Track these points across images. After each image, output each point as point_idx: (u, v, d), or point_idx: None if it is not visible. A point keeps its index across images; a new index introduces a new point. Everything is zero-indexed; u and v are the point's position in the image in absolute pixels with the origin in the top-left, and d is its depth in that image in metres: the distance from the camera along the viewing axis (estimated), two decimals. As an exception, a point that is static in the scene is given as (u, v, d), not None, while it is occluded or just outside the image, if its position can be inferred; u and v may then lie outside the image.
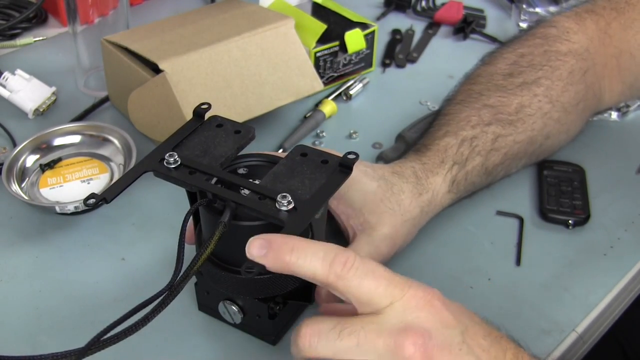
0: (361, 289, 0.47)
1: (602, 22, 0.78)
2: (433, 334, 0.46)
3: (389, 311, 0.47)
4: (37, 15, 1.06)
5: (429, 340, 0.46)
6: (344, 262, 0.47)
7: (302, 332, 0.48)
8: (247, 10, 0.87)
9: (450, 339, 0.47)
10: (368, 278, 0.47)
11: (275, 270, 0.48)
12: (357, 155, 0.56)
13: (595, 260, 0.70)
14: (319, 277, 0.47)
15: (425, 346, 0.46)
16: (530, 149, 0.74)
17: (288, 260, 0.47)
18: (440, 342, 0.46)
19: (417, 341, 0.46)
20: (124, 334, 0.47)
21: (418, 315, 0.47)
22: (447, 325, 0.47)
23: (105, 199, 0.54)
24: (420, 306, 0.47)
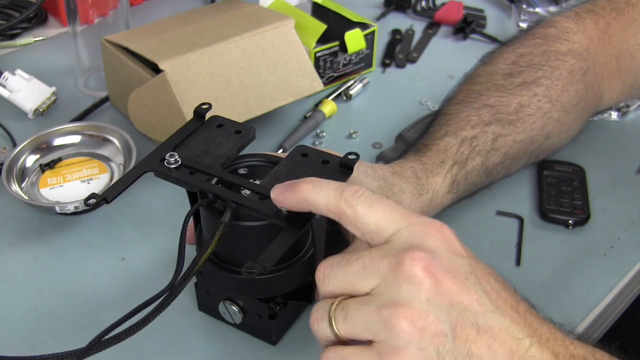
0: (368, 216, 0.47)
1: (602, 22, 0.78)
2: (438, 255, 0.45)
3: (395, 236, 0.47)
4: (37, 15, 1.06)
5: (432, 259, 0.45)
6: (354, 191, 0.48)
7: (318, 268, 0.49)
8: (247, 10, 0.87)
9: (457, 265, 0.46)
10: (375, 205, 0.47)
11: (295, 202, 0.49)
12: (358, 156, 0.56)
13: (595, 260, 0.70)
14: (331, 205, 0.48)
15: (428, 262, 0.45)
16: (530, 148, 0.74)
17: (304, 189, 0.49)
18: (445, 265, 0.45)
19: (418, 256, 0.45)
20: (125, 334, 0.48)
21: (425, 238, 0.46)
22: (456, 253, 0.46)
23: (105, 199, 0.54)
24: (427, 232, 0.47)
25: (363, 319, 0.45)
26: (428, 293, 0.44)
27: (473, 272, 0.46)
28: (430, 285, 0.44)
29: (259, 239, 0.54)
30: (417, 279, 0.44)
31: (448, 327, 0.44)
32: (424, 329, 0.44)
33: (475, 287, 0.45)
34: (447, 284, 0.44)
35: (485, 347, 0.44)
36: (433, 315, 0.44)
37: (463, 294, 0.44)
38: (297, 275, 0.56)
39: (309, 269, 0.57)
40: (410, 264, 0.44)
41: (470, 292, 0.45)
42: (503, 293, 0.46)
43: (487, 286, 0.46)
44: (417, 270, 0.44)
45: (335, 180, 0.50)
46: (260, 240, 0.53)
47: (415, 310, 0.44)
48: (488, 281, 0.46)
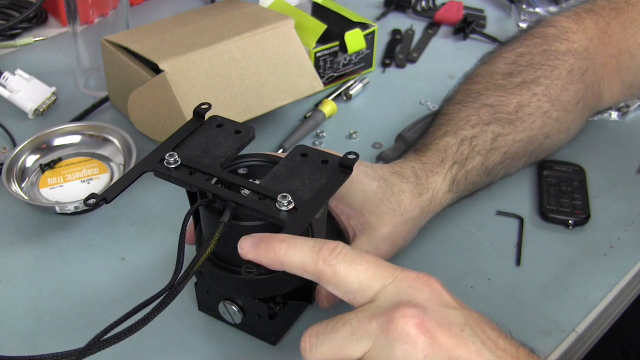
0: (350, 276, 0.45)
1: (602, 22, 0.78)
2: (429, 309, 0.43)
3: (381, 295, 0.45)
4: (37, 15, 1.06)
5: (424, 314, 0.43)
6: (332, 249, 0.46)
7: (303, 338, 0.47)
8: (247, 10, 0.87)
9: (450, 318, 0.44)
10: (356, 263, 0.46)
11: (267, 262, 0.47)
12: (357, 156, 0.56)
13: (595, 260, 0.70)
14: (308, 266, 0.46)
15: (420, 319, 0.43)
16: (530, 148, 0.74)
17: (278, 249, 0.47)
18: (437, 319, 0.43)
19: (409, 313, 0.43)
20: (124, 334, 0.47)
21: (413, 293, 0.44)
22: (447, 305, 0.45)
23: (105, 198, 0.54)
24: (414, 286, 0.45)
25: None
26: (424, 351, 0.42)
27: (467, 323, 0.44)
28: (425, 342, 0.42)
29: (259, 239, 0.54)
30: (411, 337, 0.42)
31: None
32: None
33: (473, 339, 0.43)
34: (443, 338, 0.43)
35: None
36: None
37: (461, 347, 0.43)
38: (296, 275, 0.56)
39: (308, 269, 0.57)
40: (402, 322, 0.43)
41: (467, 344, 0.43)
42: (501, 341, 0.45)
43: (483, 336, 0.44)
44: (410, 327, 0.42)
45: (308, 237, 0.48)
46: (259, 240, 0.53)
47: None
48: (484, 330, 0.44)
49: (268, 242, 0.47)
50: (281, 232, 0.50)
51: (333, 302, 0.59)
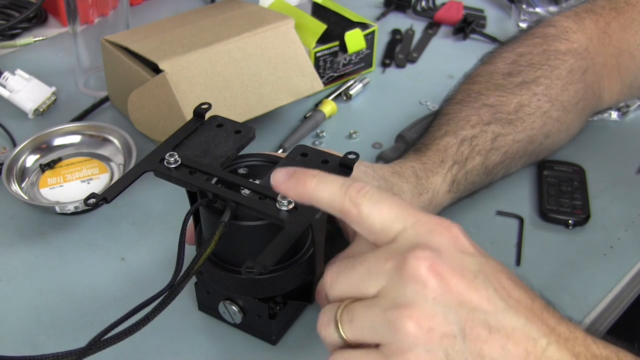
0: (373, 215, 0.46)
1: (602, 22, 0.78)
2: (444, 253, 0.44)
3: (401, 236, 0.46)
4: (37, 15, 1.06)
5: (438, 257, 0.43)
6: (360, 189, 0.47)
7: (325, 274, 0.48)
8: (247, 10, 0.87)
9: (464, 263, 0.44)
10: (380, 204, 0.46)
11: (297, 196, 0.48)
12: (357, 155, 0.56)
13: (595, 260, 0.70)
14: (336, 202, 0.47)
15: (433, 261, 0.43)
16: (530, 148, 0.74)
17: (309, 183, 0.48)
18: (451, 263, 0.43)
19: (422, 255, 0.43)
20: (125, 334, 0.48)
21: (431, 237, 0.45)
22: (463, 251, 0.45)
23: (105, 198, 0.54)
24: (434, 230, 0.45)
25: (369, 322, 0.44)
26: (434, 293, 0.43)
27: (482, 270, 0.44)
28: (436, 284, 0.43)
29: (259, 239, 0.54)
30: (422, 278, 0.43)
31: (457, 328, 0.42)
32: (431, 330, 0.42)
33: (485, 285, 0.44)
34: (454, 282, 0.43)
35: (498, 347, 0.42)
36: (441, 316, 0.42)
37: (472, 293, 0.43)
38: (297, 275, 0.56)
39: (308, 269, 0.57)
40: (415, 263, 0.43)
41: (479, 290, 0.43)
42: (516, 291, 0.45)
43: (497, 284, 0.44)
44: (422, 269, 0.43)
45: (340, 176, 0.49)
46: (259, 240, 0.53)
47: (422, 311, 0.42)
48: (499, 279, 0.45)
49: (299, 176, 0.48)
50: (281, 232, 0.50)
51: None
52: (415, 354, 0.42)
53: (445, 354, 0.42)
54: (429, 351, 0.42)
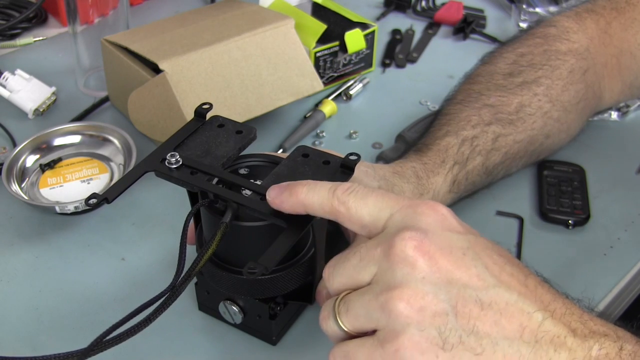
0: (361, 210, 0.47)
1: (602, 22, 0.78)
2: (431, 233, 0.44)
3: (389, 223, 0.46)
4: (37, 15, 1.06)
5: (424, 237, 0.44)
6: (346, 189, 0.48)
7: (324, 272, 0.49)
8: (247, 10, 0.87)
9: (452, 242, 0.44)
10: (366, 198, 0.47)
11: (291, 206, 0.50)
12: (359, 157, 0.56)
13: (595, 260, 0.70)
14: (325, 204, 0.48)
15: (419, 241, 0.43)
16: (530, 148, 0.74)
17: (300, 192, 0.49)
18: (438, 242, 0.44)
19: (408, 235, 0.44)
20: (126, 334, 0.48)
21: (417, 218, 0.45)
22: (451, 229, 0.45)
23: (106, 198, 0.54)
24: (420, 212, 0.46)
25: (363, 309, 0.45)
26: (423, 272, 0.43)
27: (471, 247, 0.44)
28: (424, 263, 0.43)
29: (260, 240, 0.54)
30: (410, 259, 0.43)
31: (448, 305, 0.42)
32: (422, 309, 0.42)
33: (475, 262, 0.44)
34: (443, 261, 0.43)
35: (491, 323, 0.42)
36: (431, 295, 0.43)
37: (461, 270, 0.43)
38: (297, 276, 0.56)
39: (309, 270, 0.57)
40: (401, 244, 0.44)
41: (469, 267, 0.43)
42: (508, 267, 0.45)
43: (488, 260, 0.44)
44: (409, 250, 0.43)
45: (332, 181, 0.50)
46: (261, 241, 0.53)
47: (411, 290, 0.43)
48: (490, 255, 0.45)
49: (292, 188, 0.50)
50: (282, 233, 0.50)
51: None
52: (409, 335, 0.42)
53: (438, 332, 0.42)
54: (422, 330, 0.42)
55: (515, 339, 0.42)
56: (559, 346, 0.42)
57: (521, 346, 0.42)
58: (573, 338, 0.43)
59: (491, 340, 0.42)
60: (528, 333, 0.42)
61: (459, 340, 0.42)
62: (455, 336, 0.42)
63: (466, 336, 0.42)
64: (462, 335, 0.42)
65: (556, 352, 0.42)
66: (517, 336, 0.42)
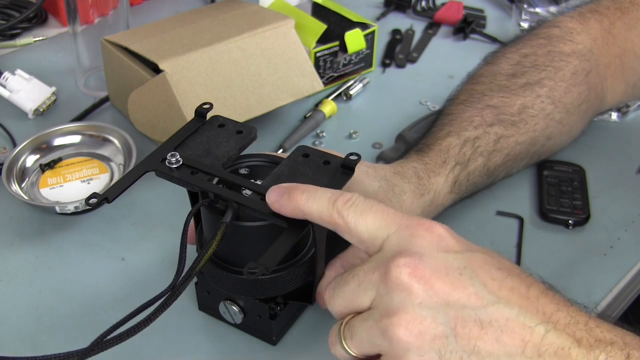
0: (359, 226, 0.47)
1: (606, 22, 0.78)
2: (426, 256, 0.44)
3: (386, 244, 0.47)
4: (37, 15, 1.06)
5: (419, 262, 0.44)
6: (346, 200, 0.48)
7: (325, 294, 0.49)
8: (247, 10, 0.87)
9: (448, 263, 0.44)
10: (365, 213, 0.47)
11: (290, 211, 0.49)
12: (359, 157, 0.56)
13: (595, 260, 0.70)
14: (324, 214, 0.48)
15: (413, 267, 0.44)
16: (531, 149, 0.74)
17: (299, 198, 0.49)
18: (433, 265, 0.44)
19: (402, 262, 0.44)
20: (127, 334, 0.48)
21: (412, 241, 0.46)
22: (447, 249, 0.45)
23: (107, 198, 0.54)
24: (415, 234, 0.46)
25: (366, 335, 0.45)
26: (419, 297, 0.43)
27: (468, 266, 0.44)
28: (420, 289, 0.43)
29: (260, 239, 0.54)
30: (406, 285, 0.44)
31: (447, 328, 0.43)
32: (421, 334, 0.43)
33: (472, 281, 0.44)
34: (438, 284, 0.44)
35: (492, 341, 0.42)
36: (429, 319, 0.43)
37: (458, 291, 0.43)
38: (297, 276, 0.56)
39: (309, 270, 0.57)
40: (396, 271, 0.44)
41: (466, 287, 0.43)
42: (508, 280, 0.44)
43: (486, 277, 0.44)
44: (404, 276, 0.44)
45: (331, 188, 0.50)
46: (261, 241, 0.53)
47: (409, 316, 0.43)
48: (488, 271, 0.44)
49: (291, 192, 0.50)
50: (282, 233, 0.50)
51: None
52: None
53: (439, 355, 0.43)
54: (422, 355, 0.43)
55: (517, 354, 0.42)
56: (564, 358, 0.42)
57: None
58: (578, 349, 0.42)
59: (493, 358, 0.42)
60: (530, 348, 0.42)
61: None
62: (456, 358, 0.43)
63: (467, 356, 0.43)
64: (463, 356, 0.43)
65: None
66: (519, 352, 0.42)
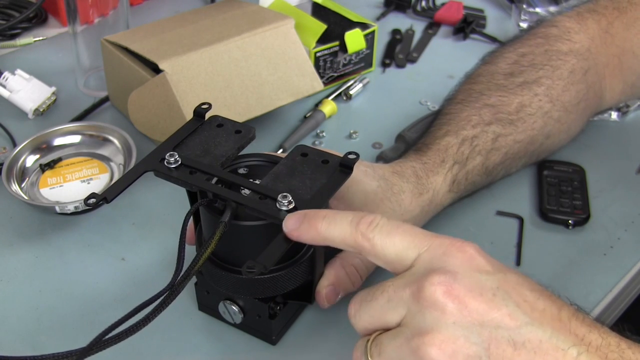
0: (387, 247, 0.47)
1: (604, 22, 0.78)
2: (460, 275, 0.44)
3: (417, 262, 0.46)
4: (37, 15, 1.06)
5: (453, 281, 0.43)
6: (370, 222, 0.47)
7: (349, 305, 0.48)
8: (247, 10, 0.87)
9: (482, 283, 0.44)
10: (392, 235, 0.47)
11: (310, 239, 0.49)
12: (358, 155, 0.56)
13: (595, 260, 0.70)
14: (348, 239, 0.48)
15: (448, 286, 0.43)
16: (530, 148, 0.74)
17: (320, 226, 0.48)
18: (467, 284, 0.43)
19: (437, 280, 0.43)
20: (126, 334, 0.48)
21: (445, 260, 0.45)
22: (480, 270, 0.45)
23: (105, 198, 0.54)
24: (448, 252, 0.46)
25: (395, 353, 0.45)
26: (453, 317, 0.43)
27: (501, 287, 0.44)
28: (454, 308, 0.43)
29: (259, 239, 0.54)
30: (440, 304, 0.43)
31: (481, 348, 0.42)
32: (454, 354, 0.42)
33: (506, 302, 0.43)
34: (473, 303, 0.43)
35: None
36: (462, 339, 0.42)
37: (493, 312, 0.43)
38: (297, 275, 0.56)
39: (309, 269, 0.57)
40: (430, 289, 0.43)
41: (500, 307, 0.43)
42: (540, 302, 0.44)
43: (519, 298, 0.44)
44: (439, 295, 0.43)
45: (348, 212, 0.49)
46: (260, 240, 0.53)
47: (443, 336, 0.43)
48: (520, 293, 0.44)
49: (310, 220, 0.49)
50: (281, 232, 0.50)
51: (333, 301, 0.59)
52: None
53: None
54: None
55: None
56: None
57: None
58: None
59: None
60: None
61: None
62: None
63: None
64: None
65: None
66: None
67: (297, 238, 0.49)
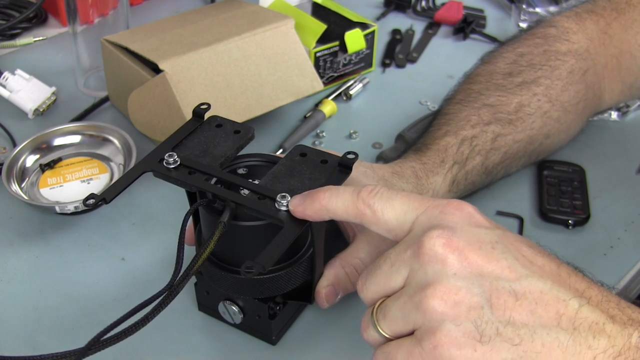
0: (387, 213, 0.48)
1: (603, 23, 0.78)
2: (459, 230, 0.44)
3: (415, 225, 0.47)
4: (37, 15, 1.06)
5: (452, 234, 0.44)
6: (370, 190, 0.48)
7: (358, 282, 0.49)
8: (247, 10, 0.87)
9: (481, 236, 0.44)
10: (391, 200, 0.48)
11: (315, 212, 0.50)
12: (357, 155, 0.56)
13: (595, 260, 0.70)
14: (350, 207, 0.49)
15: (447, 238, 0.44)
16: (530, 148, 0.74)
17: (323, 198, 0.49)
18: (467, 238, 0.44)
19: (435, 234, 0.44)
20: (124, 334, 0.48)
21: (443, 218, 0.46)
22: (479, 225, 0.45)
23: (104, 199, 0.54)
24: (445, 211, 0.46)
25: (399, 312, 0.45)
26: (454, 268, 0.43)
27: (500, 241, 0.44)
28: (454, 259, 0.43)
29: (258, 239, 0.54)
30: (440, 256, 0.43)
31: (482, 299, 0.43)
32: (457, 304, 0.43)
33: (505, 255, 0.44)
34: (473, 255, 0.43)
35: (527, 312, 0.42)
36: (464, 289, 0.43)
37: (492, 263, 0.43)
38: (296, 275, 0.56)
39: (308, 269, 0.57)
40: (430, 243, 0.44)
41: (499, 260, 0.43)
42: (539, 258, 0.45)
43: (517, 253, 0.44)
44: (438, 247, 0.44)
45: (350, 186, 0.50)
46: (259, 240, 0.53)
47: (444, 287, 0.43)
48: (519, 248, 0.45)
49: (313, 195, 0.50)
50: (280, 232, 0.50)
51: (333, 301, 0.59)
52: (445, 331, 0.42)
53: (475, 325, 0.42)
54: (458, 325, 0.42)
55: (552, 326, 0.42)
56: (598, 333, 0.42)
57: (559, 333, 0.42)
58: (612, 325, 0.42)
59: (528, 329, 0.42)
60: (566, 320, 0.42)
61: (496, 332, 0.42)
62: (492, 328, 0.42)
63: (503, 327, 0.42)
64: (498, 327, 0.42)
65: (595, 339, 0.42)
66: (555, 324, 0.42)
67: (302, 214, 0.50)
